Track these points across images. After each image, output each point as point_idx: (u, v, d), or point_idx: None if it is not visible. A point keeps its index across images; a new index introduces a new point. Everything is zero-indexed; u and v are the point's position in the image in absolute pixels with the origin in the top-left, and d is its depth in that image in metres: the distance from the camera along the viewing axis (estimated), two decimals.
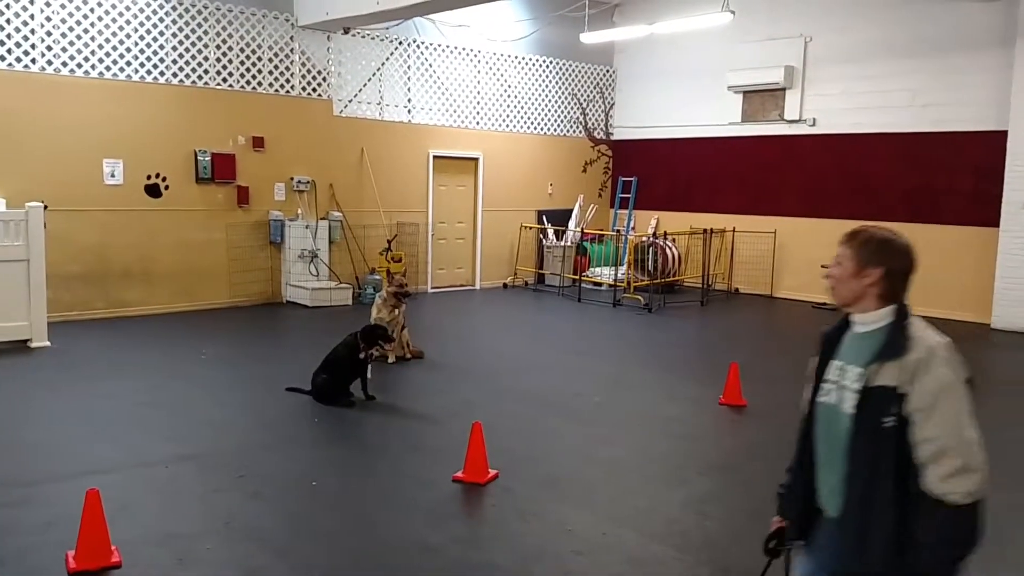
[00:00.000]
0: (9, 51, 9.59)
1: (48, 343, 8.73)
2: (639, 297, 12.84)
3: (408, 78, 13.25)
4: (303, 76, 12.06)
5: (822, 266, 11.01)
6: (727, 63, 14.12)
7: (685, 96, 15.04)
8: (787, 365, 9.04)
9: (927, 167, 12.28)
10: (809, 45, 13.38)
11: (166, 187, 10.92)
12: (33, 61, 9.77)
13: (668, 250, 13.85)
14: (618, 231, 14.82)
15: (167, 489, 5.04)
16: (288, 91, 11.92)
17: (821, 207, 13.44)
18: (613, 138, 16.34)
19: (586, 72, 15.76)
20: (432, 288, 13.98)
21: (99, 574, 3.91)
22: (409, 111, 13.33)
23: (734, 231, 14.26)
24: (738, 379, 7.27)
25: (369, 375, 7.21)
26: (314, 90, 12.20)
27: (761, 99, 14.05)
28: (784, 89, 13.63)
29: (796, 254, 13.72)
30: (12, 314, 8.55)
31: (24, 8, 9.63)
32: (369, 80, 12.78)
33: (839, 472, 2.44)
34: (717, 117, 14.58)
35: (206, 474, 5.31)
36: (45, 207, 8.81)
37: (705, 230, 13.54)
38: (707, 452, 6.08)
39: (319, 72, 12.23)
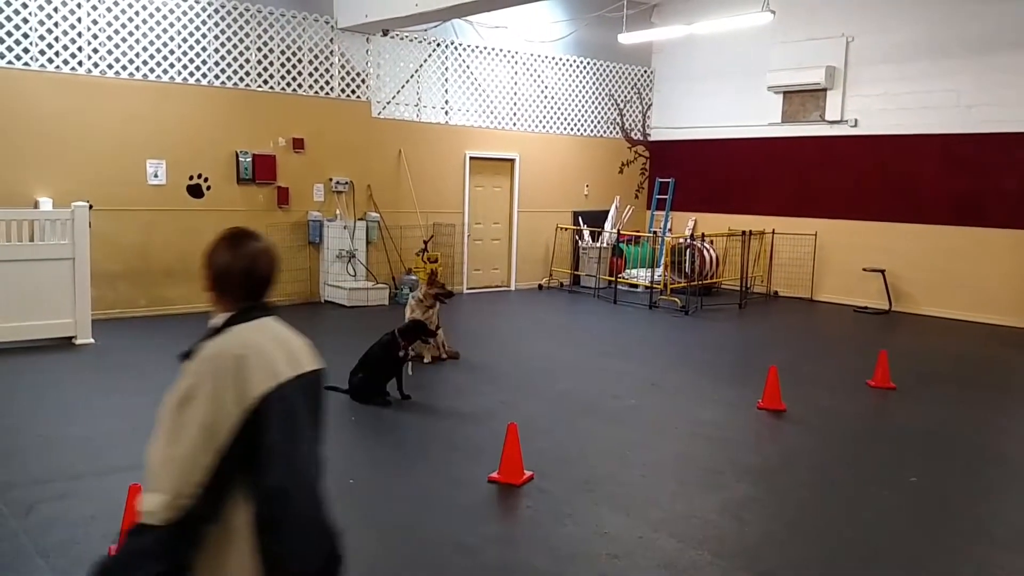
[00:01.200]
0: (57, 54, 9.80)
1: (92, 340, 8.90)
2: (676, 299, 12.75)
3: (446, 80, 13.31)
4: (342, 78, 12.17)
5: (863, 269, 10.86)
6: (767, 63, 13.97)
7: (724, 96, 14.91)
8: (828, 369, 8.93)
9: (972, 169, 12.04)
10: (851, 45, 13.19)
11: (208, 188, 11.08)
12: (80, 64, 9.97)
13: (706, 252, 13.73)
14: (655, 232, 14.73)
15: None
16: (328, 93, 12.03)
17: (863, 209, 13.24)
18: (650, 139, 16.24)
19: (624, 73, 15.69)
20: (467, 289, 14.00)
21: None
22: (446, 112, 13.38)
23: (773, 233, 14.11)
24: (777, 383, 7.18)
25: (410, 372, 7.24)
26: (353, 92, 12.29)
27: (802, 99, 13.88)
28: (825, 90, 13.45)
29: (837, 257, 13.53)
30: (57, 311, 8.73)
31: (71, 12, 9.83)
32: (407, 82, 12.85)
33: None
34: (757, 118, 14.43)
35: None
36: (90, 207, 8.96)
37: (744, 232, 13.40)
38: (745, 456, 6.01)
39: (358, 74, 12.33)
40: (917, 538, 4.71)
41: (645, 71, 16.01)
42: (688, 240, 13.74)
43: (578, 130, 15.18)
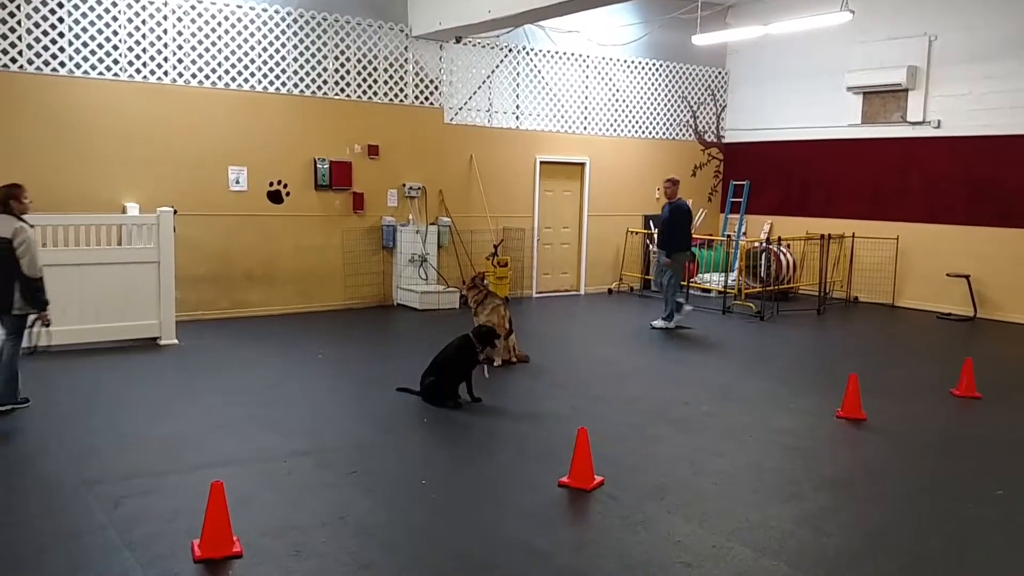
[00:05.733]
0: (144, 64, 10.19)
1: (176, 341, 9.21)
2: (751, 304, 12.52)
3: (517, 85, 13.36)
4: (416, 85, 12.33)
5: (947, 274, 10.56)
6: (846, 63, 13.64)
7: (801, 97, 14.60)
8: (910, 378, 8.65)
9: None
10: (934, 44, 12.77)
11: (287, 193, 11.36)
12: (165, 73, 10.34)
13: (782, 256, 13.45)
14: (729, 236, 14.50)
15: (284, 483, 5.23)
16: (402, 100, 12.20)
17: (947, 212, 12.80)
18: (724, 141, 16.01)
19: (697, 74, 15.51)
20: (537, 293, 14.02)
21: (222, 563, 4.09)
22: (517, 117, 13.43)
23: (853, 237, 13.73)
24: (857, 391, 6.99)
25: (487, 374, 7.25)
26: (426, 99, 12.45)
27: (882, 100, 13.49)
28: (907, 90, 13.06)
29: (920, 261, 13.11)
30: (143, 313, 9.07)
31: (158, 23, 10.21)
32: (479, 88, 12.95)
33: None
34: (835, 119, 14.09)
35: (321, 469, 5.48)
36: (175, 212, 9.28)
37: (822, 236, 13.09)
38: (823, 466, 5.87)
39: (431, 81, 12.47)
40: (1003, 554, 4.52)
41: (719, 72, 15.79)
42: (764, 244, 13.48)
43: (650, 133, 15.05)
